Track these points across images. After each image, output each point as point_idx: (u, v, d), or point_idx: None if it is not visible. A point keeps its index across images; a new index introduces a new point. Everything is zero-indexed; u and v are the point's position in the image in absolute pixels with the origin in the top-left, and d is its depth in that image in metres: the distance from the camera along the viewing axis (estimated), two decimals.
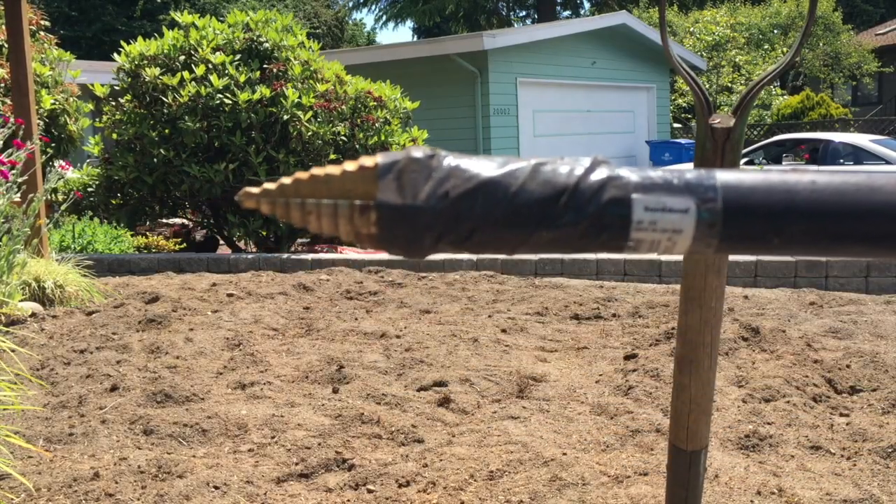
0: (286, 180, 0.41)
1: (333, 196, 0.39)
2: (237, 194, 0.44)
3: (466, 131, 12.52)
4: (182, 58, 7.13)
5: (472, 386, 3.21)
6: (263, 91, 6.71)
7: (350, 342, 3.91)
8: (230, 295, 4.93)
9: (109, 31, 26.64)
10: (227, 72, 6.85)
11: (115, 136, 7.22)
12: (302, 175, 0.40)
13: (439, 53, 12.28)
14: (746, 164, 10.29)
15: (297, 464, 2.48)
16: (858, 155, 10.06)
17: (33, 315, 4.34)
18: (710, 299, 1.51)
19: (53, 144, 7.54)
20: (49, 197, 6.54)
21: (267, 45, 7.24)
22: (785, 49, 20.80)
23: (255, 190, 0.42)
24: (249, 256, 6.33)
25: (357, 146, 7.10)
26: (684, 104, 20.04)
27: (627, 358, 3.62)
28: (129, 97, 7.25)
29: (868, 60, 21.93)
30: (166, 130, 6.91)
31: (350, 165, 0.39)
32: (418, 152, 0.39)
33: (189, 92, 6.67)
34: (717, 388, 3.09)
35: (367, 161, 0.39)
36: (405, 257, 0.40)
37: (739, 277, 5.35)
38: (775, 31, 22.34)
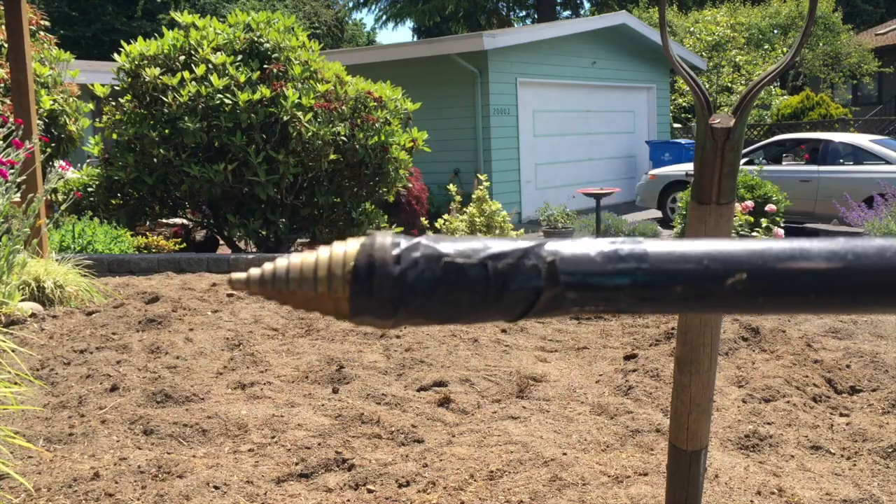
0: (277, 262, 0.47)
1: (315, 273, 0.44)
2: (227, 279, 0.50)
3: (466, 131, 12.51)
4: (182, 58, 7.13)
5: (472, 386, 3.21)
6: (264, 91, 6.71)
7: (350, 342, 3.91)
8: (230, 295, 4.93)
9: (109, 31, 26.63)
10: (227, 72, 6.85)
11: (115, 136, 7.21)
12: (292, 257, 0.46)
13: (439, 53, 12.27)
14: (746, 164, 10.28)
15: (297, 464, 2.48)
16: (858, 155, 10.05)
17: (33, 315, 4.34)
18: None
19: (53, 144, 7.54)
20: (49, 197, 6.53)
21: (268, 45, 7.24)
22: (785, 49, 20.80)
23: (243, 275, 0.47)
24: (249, 256, 6.33)
25: (357, 146, 7.09)
26: (684, 104, 20.02)
27: (627, 358, 3.62)
28: (129, 97, 7.24)
29: (868, 60, 21.91)
30: (166, 130, 6.91)
31: (336, 247, 0.45)
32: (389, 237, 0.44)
33: (189, 92, 6.67)
34: (717, 388, 3.09)
35: (348, 244, 0.45)
36: (375, 326, 0.44)
37: None
38: (775, 31, 22.33)
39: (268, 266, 0.46)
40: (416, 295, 0.41)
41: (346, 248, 0.43)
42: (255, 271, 0.46)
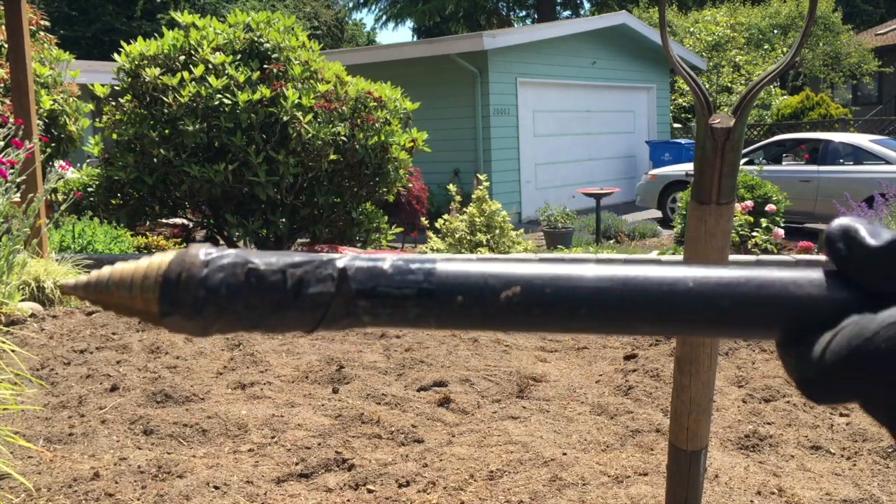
0: (103, 269, 0.50)
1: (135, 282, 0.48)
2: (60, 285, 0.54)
3: (466, 131, 12.51)
4: (182, 58, 7.13)
5: (472, 386, 3.21)
6: (263, 91, 6.71)
7: (350, 342, 3.92)
8: None
9: (109, 31, 26.62)
10: (226, 72, 6.85)
11: (115, 136, 7.21)
12: (116, 265, 0.50)
13: (439, 53, 12.27)
14: (746, 164, 10.28)
15: (297, 464, 2.48)
16: (858, 155, 10.06)
17: (33, 315, 4.34)
18: None
19: (53, 144, 7.54)
20: (49, 197, 6.53)
21: (268, 45, 7.24)
22: (785, 49, 20.79)
23: (72, 281, 0.50)
24: None
25: (357, 146, 7.09)
26: (684, 104, 20.02)
27: (627, 358, 3.62)
28: (129, 97, 7.24)
29: (868, 60, 21.91)
30: (166, 131, 6.91)
31: (156, 256, 0.49)
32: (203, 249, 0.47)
33: (189, 92, 6.67)
34: (717, 388, 3.09)
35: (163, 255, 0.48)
36: (185, 331, 0.47)
37: None
38: (775, 31, 22.33)
39: (94, 273, 0.50)
40: (218, 297, 0.44)
41: (164, 257, 0.47)
42: (82, 278, 0.50)
